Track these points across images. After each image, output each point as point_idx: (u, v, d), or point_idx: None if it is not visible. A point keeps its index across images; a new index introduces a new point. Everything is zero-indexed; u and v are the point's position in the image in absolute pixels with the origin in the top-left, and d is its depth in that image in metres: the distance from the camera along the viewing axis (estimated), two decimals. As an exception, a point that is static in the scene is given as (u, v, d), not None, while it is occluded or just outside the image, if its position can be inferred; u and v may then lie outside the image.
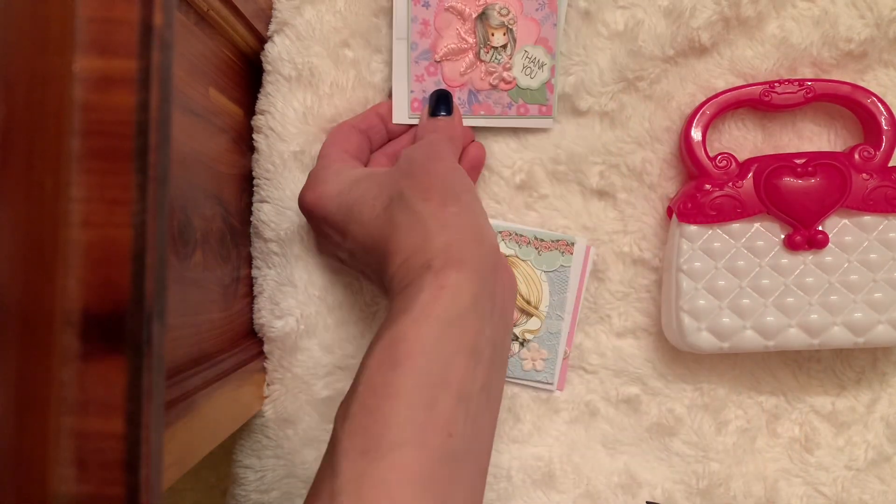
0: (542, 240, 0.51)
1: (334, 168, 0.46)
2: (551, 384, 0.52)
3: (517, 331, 0.51)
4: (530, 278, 0.51)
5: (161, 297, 0.28)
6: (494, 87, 0.51)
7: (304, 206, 0.46)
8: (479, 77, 0.51)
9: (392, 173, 0.43)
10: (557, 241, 0.51)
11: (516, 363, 0.51)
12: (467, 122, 0.51)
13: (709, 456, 0.52)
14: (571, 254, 0.51)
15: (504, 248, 0.51)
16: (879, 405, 0.53)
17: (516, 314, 0.51)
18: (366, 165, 0.50)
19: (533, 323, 0.51)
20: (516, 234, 0.51)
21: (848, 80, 0.50)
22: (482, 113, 0.51)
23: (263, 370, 0.51)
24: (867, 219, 0.49)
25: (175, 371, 0.39)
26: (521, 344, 0.51)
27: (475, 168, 0.51)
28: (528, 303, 0.51)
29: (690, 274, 0.49)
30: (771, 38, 0.50)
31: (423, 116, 0.50)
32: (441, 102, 0.50)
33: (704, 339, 0.49)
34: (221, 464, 0.52)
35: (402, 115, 0.51)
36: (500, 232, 0.51)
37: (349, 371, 0.51)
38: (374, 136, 0.50)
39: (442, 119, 0.49)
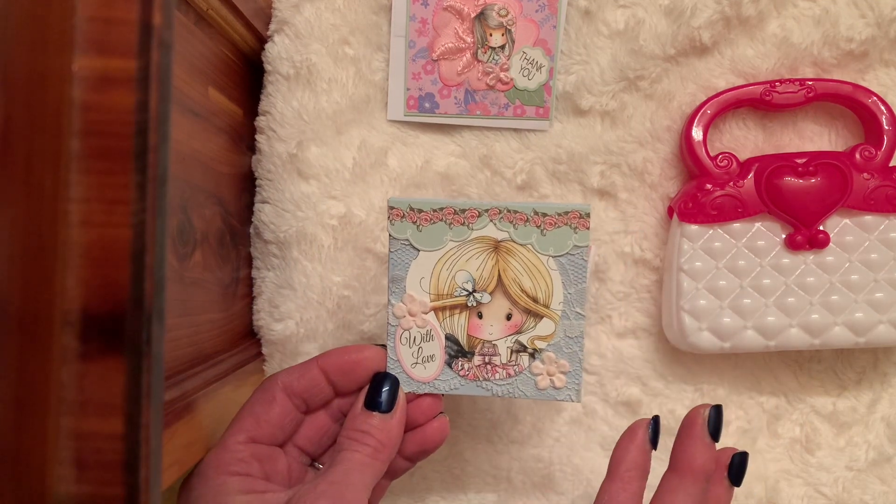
0: (544, 214, 0.39)
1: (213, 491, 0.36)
2: (575, 401, 0.41)
3: (524, 339, 0.40)
4: (534, 268, 0.40)
5: (160, 297, 0.28)
6: (491, 87, 0.51)
7: None
8: (476, 77, 0.51)
9: None
10: (566, 213, 0.39)
11: (527, 380, 0.40)
12: (464, 122, 0.51)
13: (709, 456, 0.52)
14: (587, 228, 0.39)
15: (494, 231, 0.40)
16: (880, 405, 0.53)
17: (520, 317, 0.40)
18: (293, 435, 0.41)
19: (545, 327, 0.40)
20: (508, 212, 0.39)
21: (849, 80, 0.50)
22: (478, 113, 0.51)
23: (263, 371, 0.51)
24: (868, 218, 0.49)
25: (174, 371, 0.39)
26: (532, 355, 0.40)
27: (425, 451, 0.41)
28: (535, 300, 0.40)
29: (691, 274, 0.49)
30: (772, 37, 0.50)
31: (357, 406, 0.39)
32: (379, 390, 0.39)
33: (705, 339, 0.49)
34: (221, 464, 0.52)
35: (397, 112, 0.51)
36: (488, 210, 0.39)
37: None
38: (314, 397, 0.40)
39: (376, 417, 0.39)
